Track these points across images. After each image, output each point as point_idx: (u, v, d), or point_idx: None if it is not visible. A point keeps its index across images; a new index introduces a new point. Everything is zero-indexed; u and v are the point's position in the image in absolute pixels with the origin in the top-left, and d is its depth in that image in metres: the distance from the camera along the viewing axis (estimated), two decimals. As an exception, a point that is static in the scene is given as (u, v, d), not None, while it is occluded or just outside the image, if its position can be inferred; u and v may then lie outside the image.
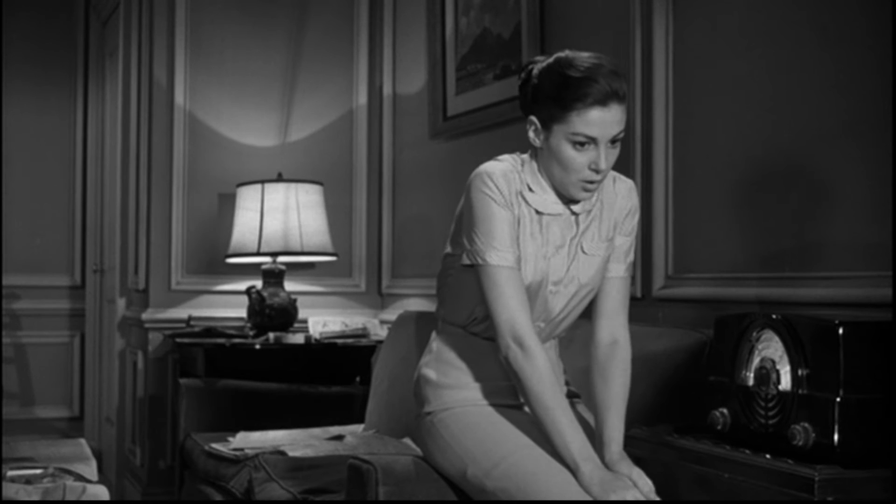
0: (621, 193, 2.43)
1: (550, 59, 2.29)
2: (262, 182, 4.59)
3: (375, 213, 5.08)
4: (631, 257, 2.45)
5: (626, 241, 2.43)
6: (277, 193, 4.55)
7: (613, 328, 2.41)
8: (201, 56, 4.89)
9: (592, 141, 2.22)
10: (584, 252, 2.37)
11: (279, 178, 4.63)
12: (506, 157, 2.39)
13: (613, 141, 2.24)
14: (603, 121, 2.20)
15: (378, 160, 5.07)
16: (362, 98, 5.09)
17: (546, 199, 2.34)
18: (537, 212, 2.34)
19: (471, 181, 2.34)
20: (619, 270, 2.43)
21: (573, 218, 2.37)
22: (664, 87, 3.17)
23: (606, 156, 2.24)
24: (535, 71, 2.30)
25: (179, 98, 4.86)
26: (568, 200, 2.35)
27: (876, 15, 2.47)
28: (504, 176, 2.31)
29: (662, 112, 3.17)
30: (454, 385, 2.41)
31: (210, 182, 4.89)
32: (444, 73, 4.43)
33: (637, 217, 2.46)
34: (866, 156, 2.52)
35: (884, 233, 2.40)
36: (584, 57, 2.24)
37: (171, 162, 4.86)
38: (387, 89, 5.01)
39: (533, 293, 2.34)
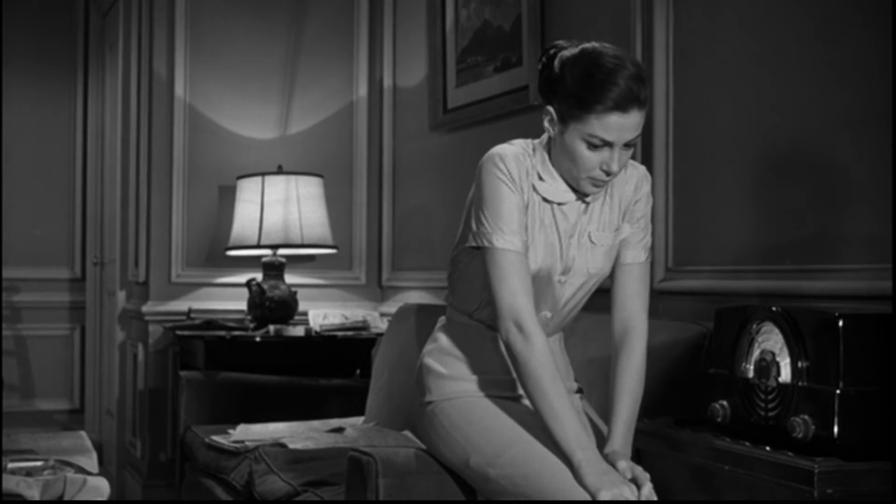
0: (632, 181, 2.41)
1: (575, 51, 2.24)
2: (263, 174, 4.58)
3: (375, 206, 5.08)
4: (647, 242, 2.42)
5: (636, 230, 2.40)
6: (277, 186, 4.55)
7: (626, 318, 2.38)
8: (201, 48, 4.89)
9: (608, 144, 2.20)
10: (591, 241, 2.36)
11: (279, 171, 4.63)
12: (518, 141, 2.36)
13: (627, 144, 2.22)
14: (621, 126, 2.17)
15: (378, 153, 5.07)
16: (362, 90, 5.09)
17: (556, 188, 2.32)
18: (546, 200, 2.33)
19: (482, 163, 2.31)
20: (631, 258, 2.40)
21: (583, 206, 2.36)
22: (664, 77, 3.16)
23: (619, 158, 2.22)
24: (558, 60, 2.25)
25: (179, 90, 4.86)
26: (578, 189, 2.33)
27: (876, 6, 2.46)
28: (516, 159, 2.29)
29: (663, 103, 3.17)
30: (456, 376, 2.41)
31: (210, 174, 4.89)
32: (444, 65, 4.43)
33: (649, 204, 2.43)
34: (867, 148, 2.51)
35: (884, 225, 2.40)
36: (609, 55, 2.19)
37: (172, 154, 4.85)
38: (387, 82, 5.01)
39: (541, 281, 2.33)
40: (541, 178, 2.32)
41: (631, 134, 2.19)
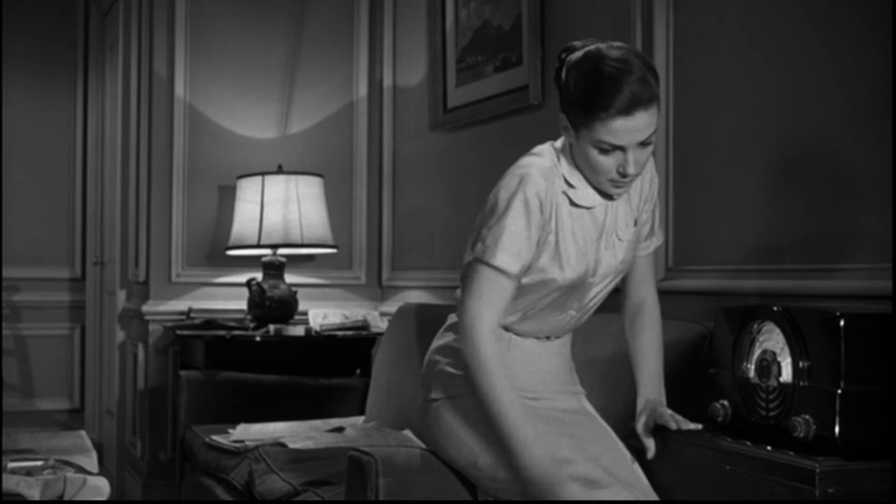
0: (645, 173, 2.42)
1: (579, 55, 2.20)
2: (263, 174, 4.58)
3: (375, 206, 5.08)
4: (658, 225, 2.48)
5: (650, 217, 2.44)
6: (278, 185, 4.54)
7: (643, 292, 2.49)
8: (201, 48, 4.89)
9: (619, 147, 2.17)
10: (619, 238, 2.36)
11: (279, 171, 4.63)
12: (544, 150, 2.32)
13: (644, 143, 2.19)
14: (627, 129, 2.14)
15: (378, 152, 5.07)
16: (362, 90, 5.09)
17: (586, 192, 2.30)
18: (575, 204, 2.29)
19: (510, 178, 2.26)
20: (648, 247, 2.47)
21: (610, 206, 2.34)
22: (665, 77, 3.16)
23: (635, 159, 2.19)
24: (565, 66, 2.22)
25: (180, 90, 4.85)
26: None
27: (878, 7, 2.46)
28: (546, 178, 2.25)
29: (663, 103, 3.16)
30: (465, 375, 2.39)
31: (210, 174, 4.89)
32: (444, 64, 4.42)
33: (657, 184, 2.46)
34: (867, 148, 2.51)
35: (884, 224, 2.40)
36: (611, 59, 2.15)
37: (172, 154, 4.85)
38: (387, 81, 5.01)
39: (574, 287, 2.32)
40: (570, 185, 2.29)
41: (642, 134, 2.17)
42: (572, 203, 2.29)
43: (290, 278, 4.67)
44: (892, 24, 2.40)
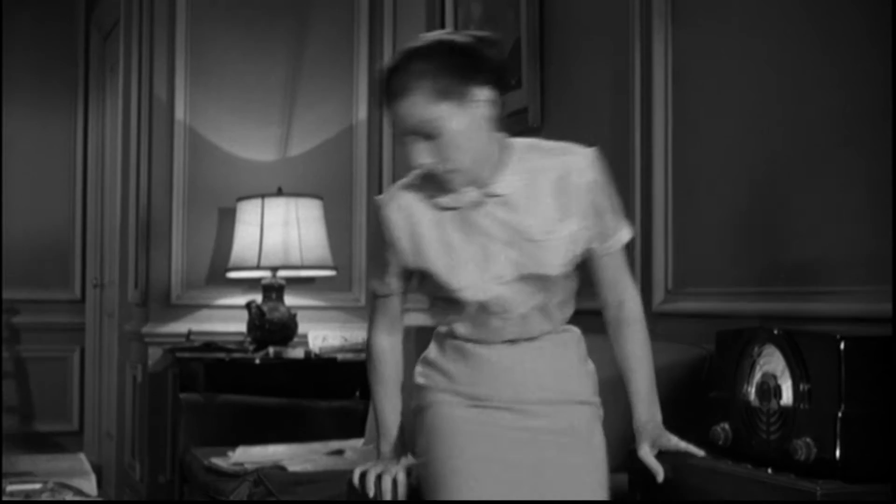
0: (555, 170, 2.23)
1: None
2: (262, 196, 4.59)
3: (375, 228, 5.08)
4: (618, 229, 2.28)
5: (597, 222, 2.24)
6: (277, 208, 4.55)
7: (619, 294, 2.32)
8: (202, 71, 4.90)
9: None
10: (529, 240, 2.22)
11: (279, 193, 4.63)
12: (414, 171, 2.38)
13: (428, 135, 2.21)
14: (395, 114, 2.23)
15: (378, 175, 5.07)
16: (362, 113, 5.10)
17: (461, 193, 2.24)
18: (448, 208, 2.25)
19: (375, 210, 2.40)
20: (612, 247, 2.28)
21: (501, 201, 2.23)
22: (663, 98, 3.17)
23: (420, 151, 2.24)
24: None
25: (179, 112, 4.87)
26: (482, 185, 2.22)
27: (879, 28, 2.46)
28: (395, 202, 2.35)
29: (662, 124, 3.17)
30: (431, 386, 2.42)
31: (210, 196, 4.89)
32: (444, 87, 4.43)
33: (598, 192, 2.23)
34: (866, 169, 2.51)
35: (884, 247, 2.40)
36: (400, 49, 2.34)
37: (171, 176, 4.86)
38: (387, 104, 5.01)
39: (472, 294, 2.27)
40: (439, 191, 2.26)
41: (410, 121, 2.21)
42: (443, 207, 2.27)
43: (289, 300, 4.67)
44: (891, 39, 2.40)
